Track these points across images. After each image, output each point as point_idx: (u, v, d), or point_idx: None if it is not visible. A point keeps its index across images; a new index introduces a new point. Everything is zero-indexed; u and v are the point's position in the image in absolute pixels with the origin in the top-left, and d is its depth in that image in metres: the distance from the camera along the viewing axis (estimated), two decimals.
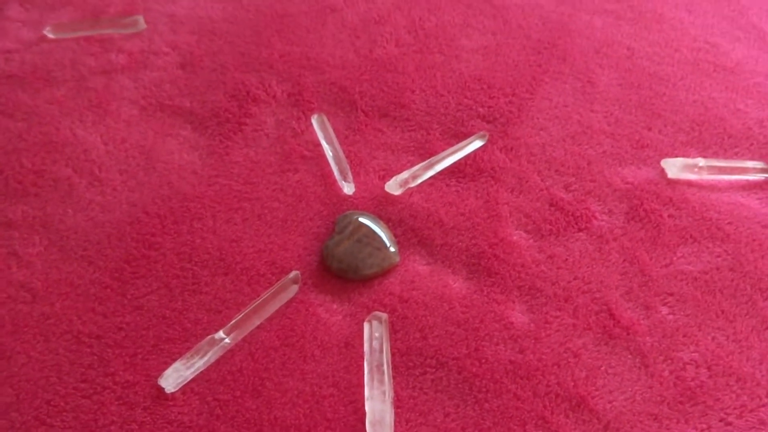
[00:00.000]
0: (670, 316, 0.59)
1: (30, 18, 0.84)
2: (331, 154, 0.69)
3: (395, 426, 0.52)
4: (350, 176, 0.67)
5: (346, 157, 0.69)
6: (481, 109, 0.74)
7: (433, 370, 0.55)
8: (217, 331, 0.56)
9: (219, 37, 0.81)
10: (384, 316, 0.57)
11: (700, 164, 0.69)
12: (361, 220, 0.63)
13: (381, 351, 0.55)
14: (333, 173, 0.68)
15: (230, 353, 0.56)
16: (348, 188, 0.66)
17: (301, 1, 0.86)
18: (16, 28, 0.83)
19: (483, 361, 0.56)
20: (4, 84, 0.76)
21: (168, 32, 0.82)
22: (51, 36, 0.81)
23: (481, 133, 0.71)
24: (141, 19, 0.82)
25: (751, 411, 0.54)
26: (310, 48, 0.80)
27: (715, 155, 0.71)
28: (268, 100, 0.75)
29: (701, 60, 0.81)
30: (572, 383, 0.55)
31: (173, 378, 0.54)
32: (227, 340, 0.56)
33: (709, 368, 0.56)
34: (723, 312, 0.60)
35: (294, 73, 0.77)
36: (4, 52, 0.79)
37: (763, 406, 0.54)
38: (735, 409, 0.54)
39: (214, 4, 0.85)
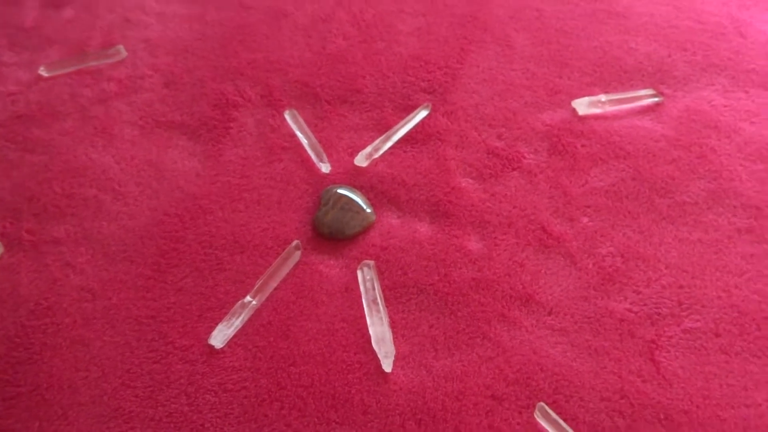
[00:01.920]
0: (590, 223, 0.76)
1: (22, 60, 0.96)
2: (306, 142, 0.84)
3: (394, 340, 0.69)
4: (325, 158, 0.82)
5: (319, 142, 0.84)
6: (422, 83, 0.89)
7: (416, 296, 0.72)
8: (244, 296, 0.72)
9: (192, 54, 0.95)
10: (371, 262, 0.74)
11: (603, 99, 0.85)
12: (341, 191, 0.79)
13: (374, 289, 0.71)
14: (311, 158, 0.83)
15: (258, 312, 0.72)
16: (325, 168, 0.82)
17: (256, 11, 0.99)
18: (12, 72, 0.95)
19: (452, 282, 0.73)
20: (18, 124, 0.89)
21: (148, 56, 0.95)
22: (45, 74, 0.94)
23: (426, 104, 0.87)
24: (122, 48, 0.95)
25: (656, 281, 0.72)
26: (272, 52, 0.94)
27: (615, 90, 0.88)
28: (245, 104, 0.89)
29: (597, 10, 0.96)
30: (521, 286, 0.72)
31: (220, 337, 0.70)
32: (254, 302, 0.71)
33: (622, 256, 0.74)
34: (629, 213, 0.77)
35: (262, 77, 0.91)
36: (9, 95, 0.92)
37: (663, 276, 0.72)
38: (643, 281, 0.72)
39: (181, 25, 0.98)
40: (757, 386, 0.65)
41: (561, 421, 0.63)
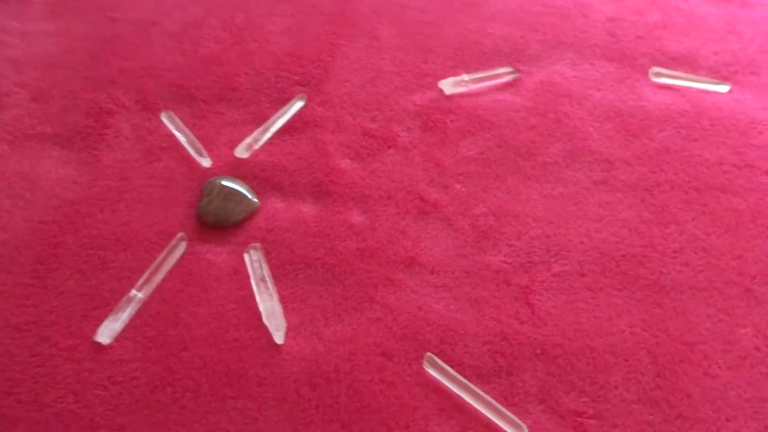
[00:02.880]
0: (463, 189, 0.81)
1: None
2: (184, 140, 0.85)
3: (285, 314, 0.70)
4: (205, 152, 0.83)
5: (198, 139, 0.85)
6: (296, 77, 0.93)
7: (304, 270, 0.74)
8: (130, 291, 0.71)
9: (61, 68, 0.93)
10: (258, 245, 0.75)
11: (466, 78, 0.92)
12: (222, 182, 0.80)
13: (261, 268, 0.73)
14: (191, 154, 0.84)
15: (146, 304, 0.71)
16: (206, 162, 0.83)
17: (124, 22, 0.99)
18: None
19: (337, 254, 0.75)
20: None
21: (13, 74, 0.93)
22: None
23: (300, 95, 0.90)
24: None
25: (526, 233, 0.77)
26: (143, 59, 0.95)
27: (476, 70, 0.94)
28: (119, 111, 0.89)
29: (455, 0, 1.04)
30: (403, 251, 0.76)
31: (106, 332, 0.68)
32: (140, 295, 0.71)
33: (494, 215, 0.79)
34: (498, 176, 0.83)
35: (135, 83, 0.92)
36: None
37: (532, 229, 0.78)
38: (514, 235, 0.77)
39: (47, 41, 0.97)
40: (620, 315, 0.71)
41: (448, 368, 0.66)
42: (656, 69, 0.93)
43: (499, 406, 0.64)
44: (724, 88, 0.93)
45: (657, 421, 0.65)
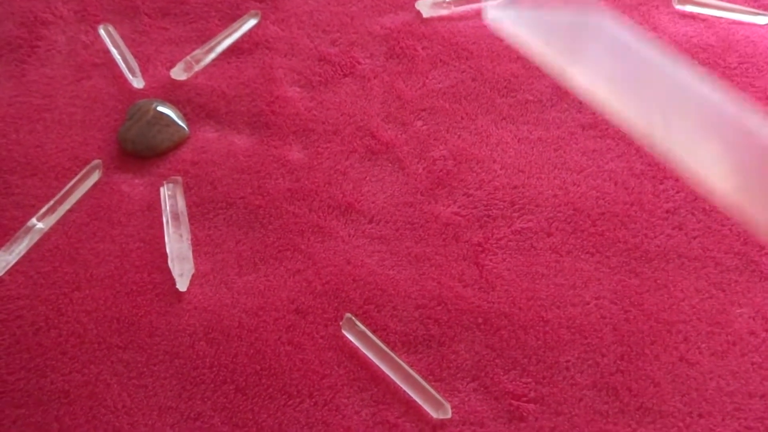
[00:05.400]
0: (424, 127, 0.70)
1: None
2: (119, 56, 0.76)
3: (195, 259, 0.62)
4: (138, 72, 0.74)
5: (135, 57, 0.76)
6: None
7: (224, 210, 0.65)
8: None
9: None
10: (178, 178, 0.66)
11: None
12: (148, 105, 0.71)
13: (176, 204, 0.64)
14: (123, 73, 0.75)
15: (47, 236, 0.64)
16: (137, 83, 0.74)
17: None
18: None
19: (265, 194, 0.66)
20: None
21: None
22: None
23: (253, 11, 0.79)
24: None
25: (489, 182, 0.66)
26: None
27: None
28: (56, 21, 0.80)
29: None
30: (341, 195, 0.65)
31: None
32: (40, 225, 0.64)
33: (454, 159, 0.67)
34: (467, 114, 0.71)
35: None
36: None
37: (497, 177, 0.66)
38: (474, 183, 0.66)
39: None
40: (586, 284, 0.60)
41: (369, 332, 0.56)
42: None
43: (422, 381, 0.54)
44: (763, 20, 0.77)
45: (611, 412, 0.54)
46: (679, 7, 0.79)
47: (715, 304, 0.58)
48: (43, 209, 0.64)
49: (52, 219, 0.64)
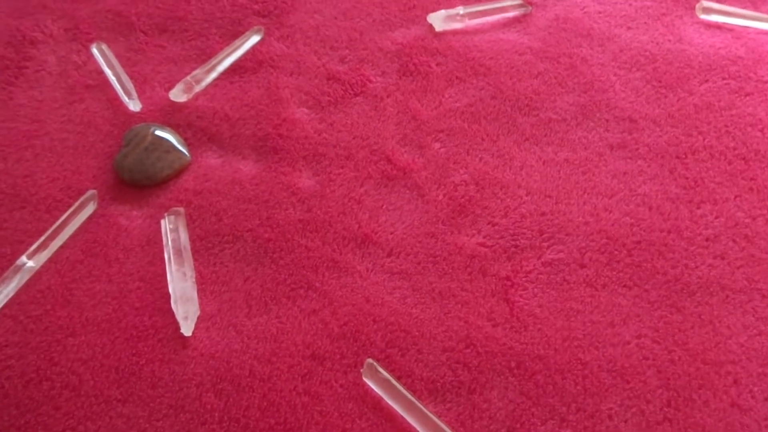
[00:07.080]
0: (442, 149, 0.65)
1: None
2: (113, 77, 0.71)
3: (200, 300, 0.57)
4: (134, 94, 0.69)
5: (130, 77, 0.71)
6: (255, 6, 0.77)
7: (231, 244, 0.60)
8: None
9: None
10: (181, 209, 0.61)
11: (461, 12, 0.74)
12: (147, 130, 0.66)
13: (179, 239, 0.59)
14: (119, 95, 0.70)
15: (37, 275, 0.59)
16: (134, 105, 0.69)
17: None
18: None
19: (274, 226, 0.61)
20: None
21: None
22: None
23: (256, 27, 0.74)
24: None
25: (514, 209, 0.61)
26: None
27: (476, 1, 0.77)
28: (46, 40, 0.75)
29: None
30: (357, 226, 0.61)
31: None
32: (30, 263, 0.58)
33: (476, 184, 0.63)
34: (488, 135, 0.66)
35: (68, 9, 0.77)
36: None
37: (524, 203, 0.61)
38: (499, 211, 0.61)
39: None
40: (625, 321, 0.55)
41: (392, 380, 0.52)
42: (706, 3, 0.74)
43: None
44: None
45: None
46: (703, 16, 0.75)
47: (765, 341, 0.54)
48: (34, 246, 0.59)
49: (43, 256, 0.59)
